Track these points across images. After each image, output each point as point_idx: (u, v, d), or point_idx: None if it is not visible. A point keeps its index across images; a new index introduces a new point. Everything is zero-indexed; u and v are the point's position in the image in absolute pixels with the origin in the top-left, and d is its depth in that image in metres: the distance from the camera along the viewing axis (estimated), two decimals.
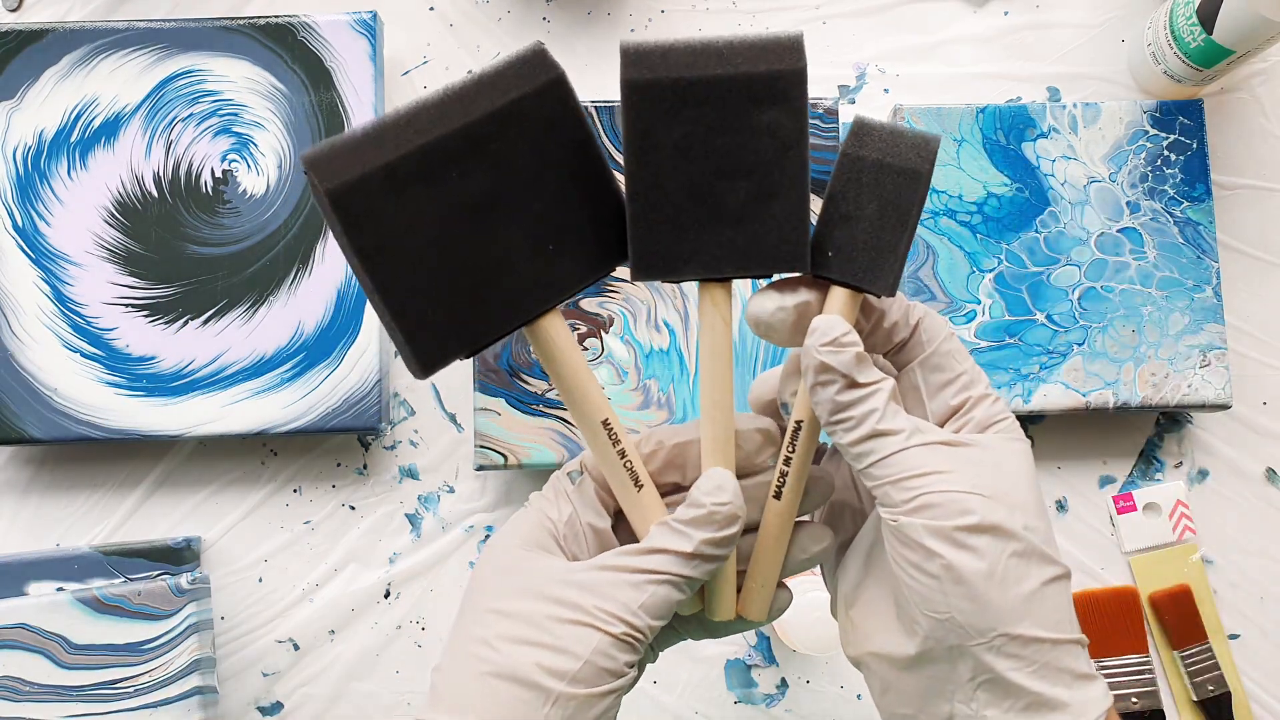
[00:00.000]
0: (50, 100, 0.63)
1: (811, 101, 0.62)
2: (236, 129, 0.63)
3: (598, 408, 0.37)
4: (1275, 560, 0.63)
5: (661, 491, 0.39)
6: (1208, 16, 0.59)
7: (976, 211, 0.62)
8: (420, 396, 0.65)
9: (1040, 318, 0.62)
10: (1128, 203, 0.62)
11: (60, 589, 0.60)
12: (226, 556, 0.64)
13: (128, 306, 0.62)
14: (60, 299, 0.62)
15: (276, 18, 0.63)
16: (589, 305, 0.61)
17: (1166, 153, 0.63)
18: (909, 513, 0.34)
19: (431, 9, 0.68)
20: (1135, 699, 0.62)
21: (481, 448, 0.60)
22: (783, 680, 0.63)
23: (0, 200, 0.62)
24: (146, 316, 0.62)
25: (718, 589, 0.39)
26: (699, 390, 0.59)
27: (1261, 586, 0.63)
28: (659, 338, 0.61)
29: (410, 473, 0.64)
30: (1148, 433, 0.65)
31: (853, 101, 0.67)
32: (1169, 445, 0.65)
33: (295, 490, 0.64)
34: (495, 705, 0.33)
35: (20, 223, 0.62)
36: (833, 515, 0.41)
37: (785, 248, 0.35)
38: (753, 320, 0.37)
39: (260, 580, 0.64)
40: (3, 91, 0.63)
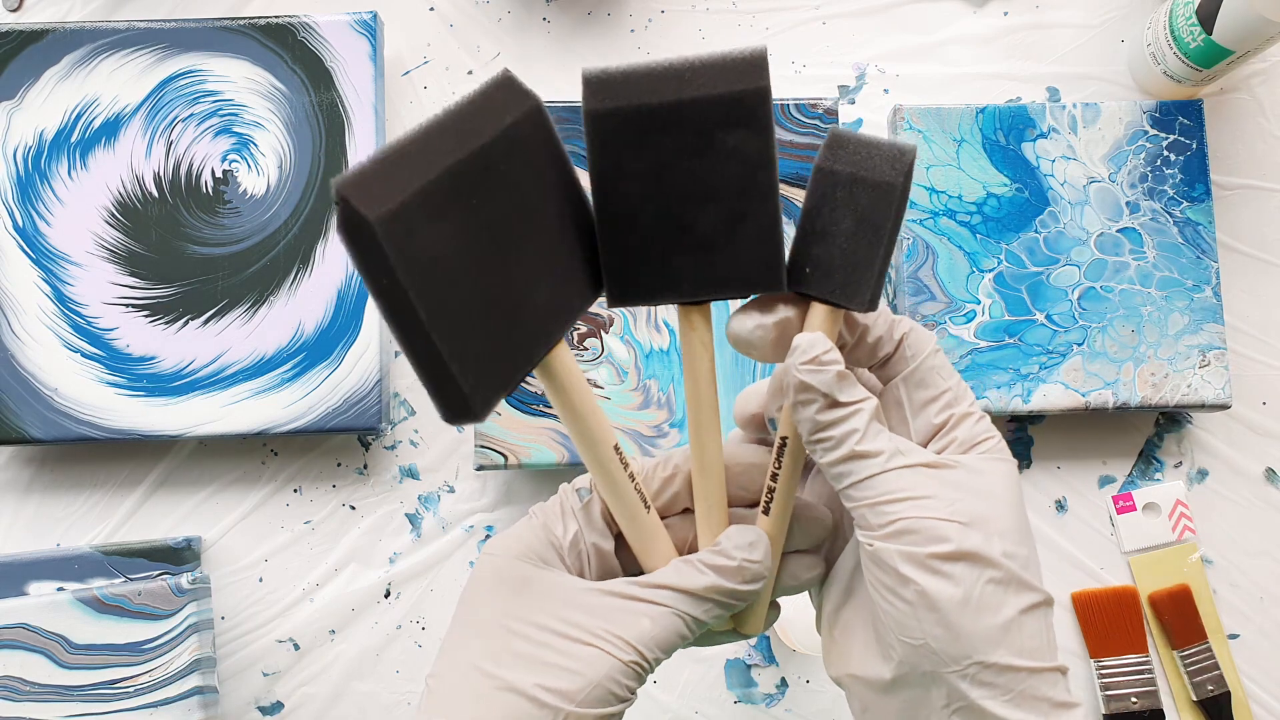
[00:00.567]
0: (51, 100, 0.63)
1: (811, 101, 0.62)
2: (237, 129, 0.63)
3: (608, 433, 0.36)
4: (1275, 560, 0.63)
5: (677, 515, 0.39)
6: (1207, 17, 0.59)
7: (976, 211, 0.62)
8: (421, 397, 0.65)
9: (1040, 318, 0.62)
10: (1127, 203, 0.62)
11: (60, 589, 0.60)
12: (227, 556, 0.64)
13: (128, 306, 0.62)
14: (61, 299, 0.62)
15: (276, 18, 0.63)
16: None
17: (1166, 153, 0.63)
18: (885, 538, 0.33)
19: (431, 9, 0.68)
20: (1135, 699, 0.62)
21: (481, 448, 0.60)
22: (783, 680, 0.63)
23: (1, 200, 0.62)
24: (147, 316, 0.62)
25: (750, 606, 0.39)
26: (686, 414, 0.59)
27: (1261, 586, 0.63)
28: (659, 338, 0.61)
29: (410, 473, 0.64)
30: (1147, 433, 0.65)
31: (853, 101, 0.67)
32: (1169, 445, 0.65)
33: (295, 490, 0.64)
34: None
35: (21, 223, 0.62)
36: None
37: (759, 269, 0.35)
38: (733, 338, 0.36)
39: (260, 580, 0.64)
40: (3, 91, 0.63)
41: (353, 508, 0.64)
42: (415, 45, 0.67)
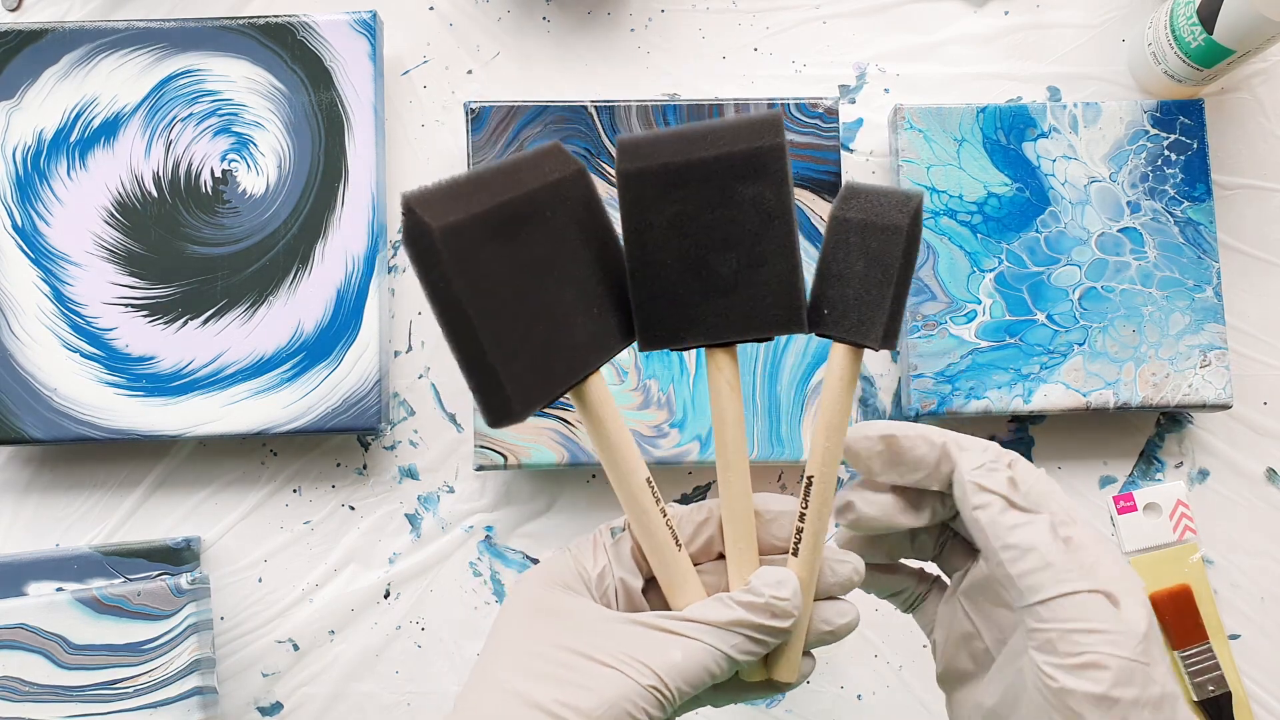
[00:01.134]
0: (50, 100, 0.63)
1: (812, 101, 0.62)
2: (236, 129, 0.63)
3: (640, 466, 0.38)
4: (1276, 560, 0.63)
5: (711, 561, 0.40)
6: (1208, 16, 0.59)
7: (977, 211, 0.62)
8: (420, 397, 0.65)
9: (1041, 318, 0.62)
10: (1128, 202, 0.62)
11: (60, 589, 0.60)
12: (226, 557, 0.64)
13: (127, 306, 0.62)
14: (60, 299, 0.62)
15: (276, 17, 0.63)
16: None
17: (1167, 152, 0.63)
18: (1071, 670, 0.33)
19: (431, 9, 0.68)
20: None
21: (481, 448, 0.60)
22: None
23: (0, 200, 0.62)
24: (146, 316, 0.62)
25: (783, 649, 0.40)
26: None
27: (1262, 587, 0.63)
28: None
29: (410, 473, 0.64)
30: (1148, 433, 0.65)
31: (853, 101, 0.67)
32: (1169, 445, 0.65)
33: (295, 490, 0.64)
34: None
35: (20, 223, 0.62)
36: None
37: (778, 312, 0.37)
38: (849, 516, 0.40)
39: (260, 580, 0.63)
40: (2, 91, 0.63)
41: (352, 508, 0.64)
42: (415, 45, 0.67)
